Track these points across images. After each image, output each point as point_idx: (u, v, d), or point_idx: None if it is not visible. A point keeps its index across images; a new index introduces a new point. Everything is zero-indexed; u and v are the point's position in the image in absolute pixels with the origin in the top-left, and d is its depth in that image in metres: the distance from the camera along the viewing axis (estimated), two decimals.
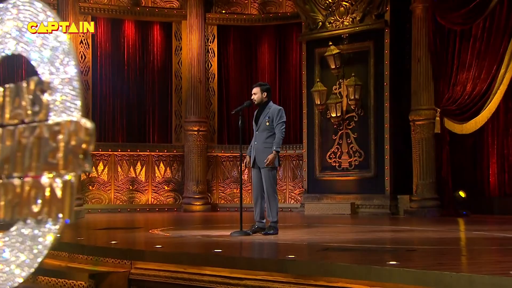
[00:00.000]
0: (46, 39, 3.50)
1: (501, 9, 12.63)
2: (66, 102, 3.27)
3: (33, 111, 3.45)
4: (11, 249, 3.44)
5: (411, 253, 5.74)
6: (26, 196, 3.35)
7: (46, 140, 3.28)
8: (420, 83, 13.53)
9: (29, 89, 3.50)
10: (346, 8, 14.60)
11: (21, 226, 3.42)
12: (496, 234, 8.48)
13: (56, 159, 3.17)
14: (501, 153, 13.97)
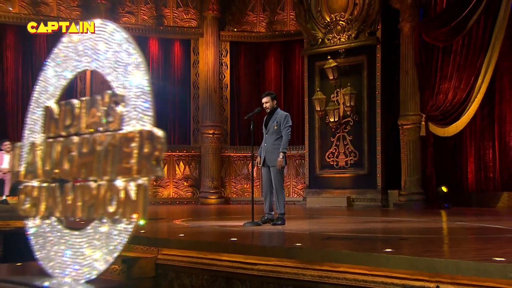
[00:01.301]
0: (119, 56, 3.46)
1: (478, 29, 12.62)
2: (139, 113, 3.22)
3: (108, 121, 3.39)
4: (88, 245, 3.40)
5: (403, 242, 5.72)
6: (102, 197, 3.30)
7: (120, 147, 3.23)
8: (407, 92, 13.56)
9: (103, 101, 3.46)
10: (342, 27, 14.58)
11: (97, 224, 3.37)
12: (475, 224, 8.46)
13: (130, 164, 3.12)
14: (478, 154, 14.01)
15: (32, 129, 4.09)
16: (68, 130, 3.79)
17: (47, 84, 4.10)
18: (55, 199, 3.76)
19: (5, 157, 12.68)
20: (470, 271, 3.88)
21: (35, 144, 3.98)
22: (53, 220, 3.83)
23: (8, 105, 15.39)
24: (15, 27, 15.34)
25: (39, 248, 3.96)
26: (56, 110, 3.92)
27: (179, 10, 16.83)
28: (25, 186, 4.06)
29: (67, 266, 3.63)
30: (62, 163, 3.71)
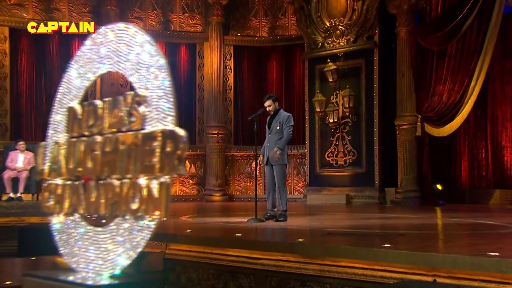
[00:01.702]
0: (141, 58, 3.43)
1: (471, 33, 12.61)
2: (161, 113, 3.21)
3: (130, 121, 3.37)
4: (112, 241, 3.38)
5: (401, 237, 5.71)
6: (125, 195, 3.28)
7: (142, 146, 3.22)
8: (404, 94, 13.55)
9: (126, 102, 3.44)
10: (341, 31, 14.58)
11: (120, 221, 3.37)
12: (469, 221, 8.44)
13: (152, 163, 3.12)
14: (471, 153, 14.03)
15: (56, 129, 4.07)
16: (91, 130, 3.77)
17: (70, 85, 4.07)
18: (78, 196, 3.74)
19: (20, 156, 12.69)
20: (466, 265, 3.88)
21: (59, 144, 3.96)
22: (76, 216, 3.80)
23: (22, 107, 15.42)
24: (29, 33, 15.31)
25: (63, 244, 3.94)
26: (79, 110, 3.90)
27: (185, 16, 16.84)
28: (49, 184, 4.05)
29: (91, 261, 3.60)
30: (85, 161, 3.69)
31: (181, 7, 16.82)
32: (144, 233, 3.28)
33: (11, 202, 12.12)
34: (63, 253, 3.96)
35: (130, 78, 3.57)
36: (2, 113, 15.02)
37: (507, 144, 13.54)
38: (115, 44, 3.71)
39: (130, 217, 3.34)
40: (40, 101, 15.58)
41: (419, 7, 13.66)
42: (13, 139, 14.28)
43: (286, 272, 4.71)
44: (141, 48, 3.50)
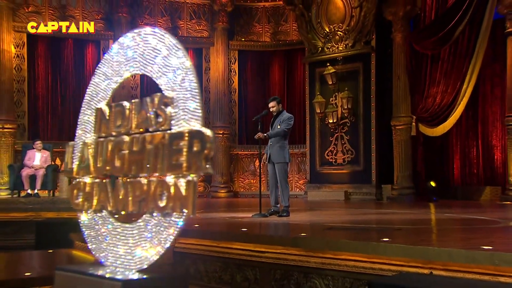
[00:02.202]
0: (168, 61, 3.40)
1: (463, 38, 12.58)
2: (188, 114, 3.17)
3: (157, 122, 3.33)
4: (140, 237, 3.34)
5: (398, 232, 5.69)
6: (152, 193, 3.24)
7: (169, 146, 3.18)
8: (399, 96, 13.54)
9: (153, 103, 3.40)
10: (340, 37, 14.57)
11: (148, 218, 3.33)
12: (462, 216, 8.42)
13: (180, 162, 3.08)
14: (463, 152, 14.04)
15: (84, 129, 4.01)
16: (118, 130, 3.71)
17: (98, 88, 4.02)
18: (106, 193, 3.68)
19: (37, 155, 12.72)
20: (461, 259, 3.87)
21: (87, 143, 3.91)
22: (105, 213, 3.74)
23: (39, 109, 15.45)
24: (45, 38, 15.36)
25: (91, 240, 3.88)
26: (107, 111, 3.84)
27: (192, 22, 16.84)
28: (77, 182, 3.99)
29: (119, 256, 3.55)
30: (113, 160, 3.63)
31: (188, 14, 16.83)
32: (172, 229, 3.23)
33: (28, 198, 12.13)
34: (91, 248, 3.90)
35: (157, 80, 3.51)
36: (20, 114, 15.05)
37: (497, 143, 13.53)
38: (142, 47, 3.65)
39: (158, 214, 3.28)
40: (56, 102, 15.61)
41: (414, 13, 13.65)
42: (31, 139, 14.33)
43: (289, 265, 4.70)
44: (168, 51, 3.44)
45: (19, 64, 15.02)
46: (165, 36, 3.50)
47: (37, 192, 12.44)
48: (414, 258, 4.03)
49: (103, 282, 3.24)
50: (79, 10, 15.74)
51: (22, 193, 12.54)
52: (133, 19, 16.04)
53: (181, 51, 3.40)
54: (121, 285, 3.11)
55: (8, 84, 14.59)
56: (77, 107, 15.98)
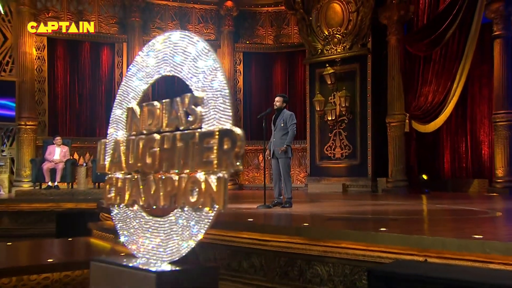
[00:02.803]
0: (197, 62, 3.31)
1: (453, 41, 12.56)
2: (218, 113, 3.09)
3: (187, 121, 3.25)
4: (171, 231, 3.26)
5: (394, 222, 5.70)
6: (183, 188, 3.17)
7: (200, 144, 3.10)
8: (394, 94, 13.50)
9: (183, 103, 3.31)
10: (338, 39, 14.53)
11: (179, 212, 3.25)
12: (452, 207, 8.43)
13: (210, 159, 3.01)
14: (453, 147, 14.04)
15: (116, 127, 3.91)
16: (149, 128, 3.60)
17: (129, 88, 3.91)
18: (138, 189, 3.58)
19: (57, 150, 12.76)
20: (454, 247, 3.88)
21: (119, 141, 3.81)
22: (136, 207, 3.64)
23: (58, 107, 15.45)
24: (64, 41, 15.37)
25: (123, 232, 3.78)
26: (138, 111, 3.74)
27: (200, 26, 16.81)
28: (109, 177, 3.88)
29: (150, 249, 3.47)
30: (144, 157, 3.53)
31: (196, 18, 16.80)
32: (203, 223, 3.15)
33: (49, 190, 12.18)
34: (123, 240, 3.79)
35: (187, 81, 3.42)
36: (41, 112, 15.06)
37: (485, 139, 13.52)
38: (173, 50, 3.54)
39: (189, 209, 3.20)
40: (74, 101, 15.62)
41: (408, 18, 13.60)
42: (51, 135, 14.35)
43: (293, 253, 4.71)
44: (198, 53, 3.34)
45: (40, 66, 15.02)
46: (195, 39, 3.40)
47: (57, 185, 12.48)
48: (410, 247, 4.03)
49: (138, 273, 3.16)
50: (95, 15, 15.72)
51: (43, 185, 12.57)
52: (145, 23, 16.03)
53: (211, 52, 3.31)
54: (155, 276, 3.02)
55: (30, 84, 14.59)
56: (93, 105, 16.19)
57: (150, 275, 3.04)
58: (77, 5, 15.52)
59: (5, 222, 10.80)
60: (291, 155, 7.84)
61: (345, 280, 4.37)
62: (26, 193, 12.19)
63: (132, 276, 3.16)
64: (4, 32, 14.54)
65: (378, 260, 4.15)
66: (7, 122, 14.55)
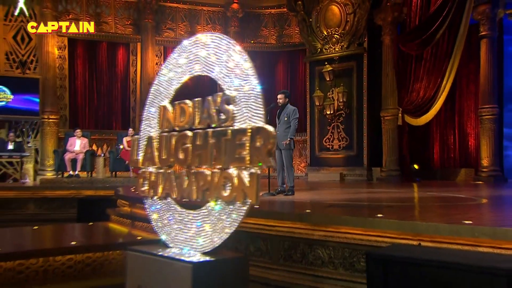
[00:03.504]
0: (229, 64, 3.19)
1: (443, 41, 12.47)
2: (250, 111, 2.98)
3: (220, 119, 3.12)
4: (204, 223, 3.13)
5: (390, 208, 5.68)
6: (216, 183, 3.04)
7: (233, 140, 2.98)
8: (388, 90, 13.45)
9: (215, 101, 3.19)
10: (336, 39, 14.47)
11: (212, 205, 3.10)
12: (442, 194, 8.38)
13: (242, 155, 2.89)
14: (442, 139, 14.01)
15: (148, 124, 3.74)
16: (181, 126, 3.45)
17: (161, 87, 3.75)
18: (171, 183, 3.43)
19: (77, 141, 12.79)
20: (445, 232, 3.86)
21: (152, 137, 3.67)
22: (169, 200, 3.48)
23: (78, 102, 15.48)
24: (83, 41, 15.36)
25: (157, 224, 3.63)
26: (170, 108, 3.58)
27: (208, 27, 16.75)
28: (143, 171, 3.73)
29: (184, 240, 3.33)
30: (177, 153, 3.39)
31: (205, 20, 16.75)
32: (235, 216, 2.99)
33: (70, 178, 12.22)
34: (157, 231, 3.64)
35: (219, 81, 3.28)
36: (62, 107, 15.08)
37: (471, 131, 13.48)
38: (205, 50, 3.39)
39: (222, 202, 3.05)
40: (92, 96, 15.63)
41: (401, 19, 13.53)
42: (71, 128, 14.37)
43: (296, 237, 4.70)
44: (229, 54, 3.21)
45: (61, 64, 15.03)
46: (225, 40, 3.27)
47: (77, 173, 12.52)
48: (405, 232, 4.02)
49: (174, 263, 3.03)
50: (112, 17, 15.69)
51: (65, 174, 12.62)
52: (157, 24, 15.99)
53: (242, 53, 3.18)
54: (192, 267, 2.89)
55: (52, 81, 14.63)
56: (110, 101, 16.20)
57: (187, 266, 2.93)
58: (95, 8, 15.50)
59: (31, 208, 10.85)
60: (293, 147, 7.82)
61: (345, 262, 4.36)
62: (50, 181, 12.23)
63: (169, 266, 3.04)
64: (29, 33, 14.54)
65: (375, 244, 4.13)
66: (31, 116, 14.58)
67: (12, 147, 13.13)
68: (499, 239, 3.65)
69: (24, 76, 14.65)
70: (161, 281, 3.02)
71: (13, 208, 10.72)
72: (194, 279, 2.78)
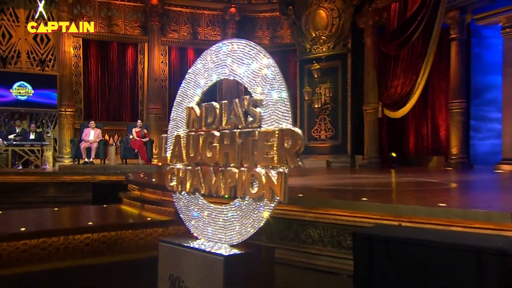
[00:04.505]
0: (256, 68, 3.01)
1: (418, 43, 12.45)
2: (277, 115, 2.79)
3: (247, 121, 2.93)
4: (232, 217, 2.97)
5: (373, 192, 5.70)
6: (244, 181, 2.86)
7: (261, 141, 2.79)
8: (369, 86, 13.46)
9: (242, 104, 2.99)
10: (324, 40, 14.42)
11: (240, 201, 2.92)
12: (417, 179, 8.41)
13: (270, 155, 2.71)
14: (417, 130, 14.08)
15: (176, 124, 3.49)
16: (209, 126, 3.20)
17: (188, 89, 3.50)
18: (199, 179, 3.19)
19: (91, 132, 12.74)
20: (423, 213, 3.88)
21: (180, 136, 3.41)
22: (198, 195, 3.24)
23: (92, 96, 15.37)
24: (96, 42, 15.23)
25: (186, 218, 3.36)
26: (197, 110, 3.33)
27: (208, 29, 16.63)
28: (171, 168, 3.46)
29: (212, 233, 3.10)
30: (204, 152, 3.15)
31: (205, 22, 16.61)
32: (262, 212, 2.78)
33: (86, 165, 12.19)
34: (187, 224, 3.40)
35: (245, 85, 3.05)
36: (78, 101, 14.99)
37: (442, 123, 13.53)
38: (231, 56, 3.16)
39: (250, 199, 2.83)
40: (104, 92, 15.52)
41: (381, 23, 13.50)
42: (86, 119, 14.32)
43: (290, 219, 4.70)
44: (255, 59, 3.01)
45: (76, 62, 14.90)
46: (251, 45, 3.06)
47: (92, 160, 12.47)
48: (387, 213, 4.03)
49: (206, 256, 2.84)
50: (121, 20, 15.54)
51: (81, 161, 12.57)
52: (162, 26, 15.85)
53: (268, 58, 2.99)
54: (223, 260, 2.72)
55: (69, 77, 14.53)
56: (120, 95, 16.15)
57: (218, 258, 2.75)
58: (107, 11, 15.33)
59: (51, 191, 10.83)
60: None
61: (333, 240, 4.38)
62: (67, 167, 12.18)
63: (201, 258, 2.86)
64: (47, 34, 14.44)
65: (360, 224, 4.15)
66: (50, 109, 14.50)
67: (33, 136, 13.06)
68: (469, 220, 3.68)
69: (43, 73, 14.56)
70: (193, 272, 2.86)
71: (35, 191, 10.69)
72: (225, 271, 2.66)
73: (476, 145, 13.63)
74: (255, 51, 3.09)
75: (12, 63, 14.34)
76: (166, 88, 16.00)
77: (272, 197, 2.68)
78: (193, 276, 2.82)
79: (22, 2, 14.42)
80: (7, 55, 14.27)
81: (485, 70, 13.54)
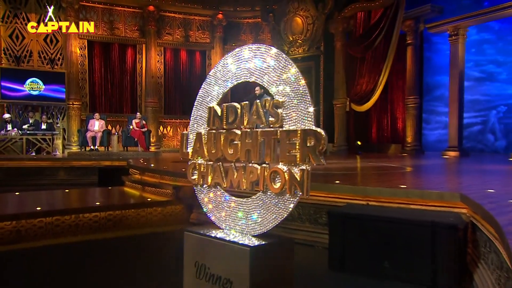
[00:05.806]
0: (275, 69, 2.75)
1: (380, 46, 12.43)
2: (300, 115, 2.56)
3: (268, 121, 2.67)
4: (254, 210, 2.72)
5: (344, 176, 5.74)
6: (266, 177, 2.60)
7: (283, 140, 2.55)
8: (339, 84, 13.49)
9: (264, 105, 2.71)
10: (300, 44, 14.39)
11: (262, 195, 2.66)
12: (380, 164, 8.48)
13: (293, 154, 2.48)
14: (378, 121, 14.13)
15: (197, 123, 3.18)
16: (230, 125, 2.88)
17: (209, 91, 3.18)
18: (220, 174, 2.89)
19: (96, 123, 12.52)
20: (387, 194, 3.94)
21: (201, 134, 3.10)
22: (219, 188, 2.94)
23: (96, 91, 15.07)
24: (99, 43, 14.90)
25: (208, 209, 3.03)
26: (218, 109, 3.02)
27: (199, 32, 16.39)
28: (192, 163, 3.14)
29: (234, 225, 2.82)
30: (226, 149, 2.85)
31: (196, 27, 16.36)
32: (284, 206, 2.52)
33: (91, 152, 11.99)
34: (210, 216, 3.05)
35: (267, 86, 2.77)
36: (84, 95, 14.69)
37: (400, 116, 13.63)
38: (252, 60, 2.86)
39: (272, 193, 2.56)
40: (107, 87, 15.24)
41: (349, 29, 13.49)
42: (91, 112, 14.07)
43: None
44: (275, 61, 2.73)
45: (82, 61, 14.58)
46: (272, 49, 2.79)
47: (97, 148, 12.29)
48: (357, 194, 4.09)
49: (233, 246, 2.61)
50: (122, 24, 15.21)
51: (87, 148, 12.37)
52: (158, 30, 15.57)
53: (287, 60, 2.72)
54: (249, 250, 2.50)
55: (76, 74, 14.22)
56: (121, 91, 15.87)
57: (244, 249, 2.54)
58: (109, 16, 14.99)
59: (61, 175, 10.66)
60: None
61: (310, 218, 4.42)
62: (75, 154, 11.98)
63: (227, 249, 2.63)
64: (56, 36, 14.11)
65: (334, 203, 4.20)
66: (59, 102, 14.21)
67: (45, 126, 12.80)
68: (425, 199, 3.76)
69: (53, 70, 14.23)
70: (218, 261, 2.66)
71: (47, 174, 10.51)
72: (251, 261, 2.47)
73: (426, 134, 13.85)
74: (276, 53, 2.80)
75: (25, 61, 14.03)
76: (162, 84, 15.80)
77: (294, 192, 2.49)
78: (218, 264, 2.64)
79: (34, 7, 14.05)
80: (21, 55, 13.96)
81: (435, 71, 13.75)
